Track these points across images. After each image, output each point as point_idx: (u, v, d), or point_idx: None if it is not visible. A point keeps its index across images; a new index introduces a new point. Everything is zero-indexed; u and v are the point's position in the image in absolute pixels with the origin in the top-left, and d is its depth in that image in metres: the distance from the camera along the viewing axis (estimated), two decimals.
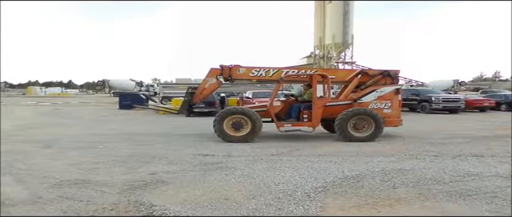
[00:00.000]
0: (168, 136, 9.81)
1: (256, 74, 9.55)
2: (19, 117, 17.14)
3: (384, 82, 9.53)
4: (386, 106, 9.36)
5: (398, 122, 9.59)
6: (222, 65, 9.54)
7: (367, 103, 9.28)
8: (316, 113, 9.08)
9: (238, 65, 9.60)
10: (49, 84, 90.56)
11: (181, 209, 3.75)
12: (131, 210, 3.75)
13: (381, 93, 9.37)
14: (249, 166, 5.80)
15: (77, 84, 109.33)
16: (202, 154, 6.97)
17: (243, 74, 9.60)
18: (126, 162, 6.24)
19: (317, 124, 9.24)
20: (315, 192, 4.36)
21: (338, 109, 9.12)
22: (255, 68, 9.59)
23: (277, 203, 3.95)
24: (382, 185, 4.70)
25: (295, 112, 9.51)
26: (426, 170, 5.56)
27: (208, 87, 9.62)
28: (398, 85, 9.71)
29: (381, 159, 6.48)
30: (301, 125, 9.21)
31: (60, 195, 4.24)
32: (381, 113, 9.16)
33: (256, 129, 8.73)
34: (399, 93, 9.55)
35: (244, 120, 8.76)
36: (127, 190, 4.45)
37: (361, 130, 8.90)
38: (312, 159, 6.42)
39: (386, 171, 5.45)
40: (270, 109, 9.19)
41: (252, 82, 12.72)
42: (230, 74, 9.52)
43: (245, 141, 8.58)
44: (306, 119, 9.17)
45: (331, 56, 49.03)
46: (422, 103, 20.97)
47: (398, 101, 9.52)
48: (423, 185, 4.71)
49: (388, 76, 9.54)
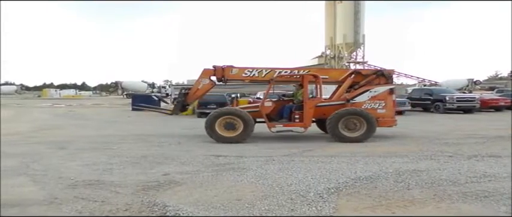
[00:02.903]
0: (179, 137, 9.88)
1: (249, 74, 9.57)
2: (35, 118, 17.48)
3: (377, 82, 9.46)
4: (380, 106, 9.26)
5: (393, 122, 9.49)
6: (215, 66, 9.56)
7: (361, 103, 9.20)
8: (307, 113, 9.03)
9: (231, 66, 9.62)
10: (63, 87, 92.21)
11: (194, 210, 3.77)
12: (145, 210, 3.78)
13: (375, 93, 9.28)
14: (261, 167, 5.81)
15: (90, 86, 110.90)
16: (214, 155, 7.00)
17: (236, 75, 9.62)
18: (139, 162, 6.30)
19: (308, 124, 9.16)
20: (327, 193, 4.33)
21: (330, 109, 9.06)
22: (247, 68, 9.60)
23: (290, 204, 3.94)
24: (396, 186, 4.65)
25: (286, 113, 9.47)
26: (441, 171, 5.47)
27: (202, 87, 9.66)
28: (392, 85, 9.64)
29: (394, 159, 6.41)
30: (292, 125, 9.16)
31: (75, 195, 4.30)
32: (375, 113, 9.09)
33: (248, 129, 8.74)
34: (393, 93, 9.48)
35: (236, 120, 8.76)
36: (141, 190, 4.50)
37: (352, 130, 8.81)
38: (324, 160, 6.39)
39: (400, 172, 5.39)
40: (262, 110, 9.15)
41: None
42: (223, 75, 9.53)
43: (237, 141, 8.58)
44: (298, 120, 9.11)
45: (342, 56, 48.74)
46: (436, 103, 20.64)
47: (393, 101, 9.43)
48: (438, 186, 4.64)
49: (382, 76, 9.48)
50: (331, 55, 50.22)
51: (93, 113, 21.51)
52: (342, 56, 48.92)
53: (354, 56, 50.10)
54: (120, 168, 5.84)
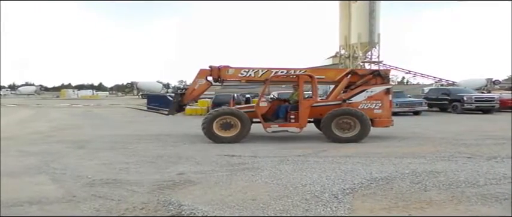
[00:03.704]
0: (194, 137, 9.95)
1: (245, 74, 9.55)
2: (54, 118, 17.86)
3: (374, 82, 9.41)
4: (376, 106, 9.22)
5: (389, 122, 9.45)
6: (211, 66, 9.55)
7: (357, 103, 9.16)
8: (302, 114, 9.00)
9: (227, 66, 9.61)
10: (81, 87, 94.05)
11: (209, 209, 3.79)
12: (160, 209, 3.83)
13: (371, 93, 9.25)
14: (275, 167, 5.80)
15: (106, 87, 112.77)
16: (228, 154, 7.02)
17: (232, 75, 9.61)
18: (155, 162, 6.38)
19: (304, 124, 9.13)
20: (342, 194, 4.30)
21: (326, 109, 9.02)
22: (244, 68, 9.58)
23: (305, 204, 3.93)
24: (413, 187, 4.58)
25: (282, 113, 9.44)
26: (459, 172, 5.37)
27: (198, 88, 9.67)
28: (388, 85, 9.58)
29: (411, 160, 6.31)
30: (288, 126, 9.16)
31: (93, 193, 4.39)
32: (371, 113, 9.07)
33: (245, 129, 8.76)
34: (390, 93, 9.39)
35: (233, 120, 8.77)
36: (156, 189, 4.56)
37: (346, 130, 8.77)
38: (339, 160, 6.34)
39: (416, 173, 5.31)
40: (257, 110, 9.13)
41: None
42: (219, 75, 9.54)
43: (235, 141, 8.60)
44: (293, 120, 9.10)
45: (357, 56, 48.25)
46: (454, 103, 20.23)
47: (389, 101, 9.38)
48: (456, 188, 4.56)
49: (378, 76, 9.46)
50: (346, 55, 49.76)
51: (109, 113, 21.85)
52: (356, 55, 48.42)
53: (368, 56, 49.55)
54: (136, 167, 5.92)
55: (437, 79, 50.10)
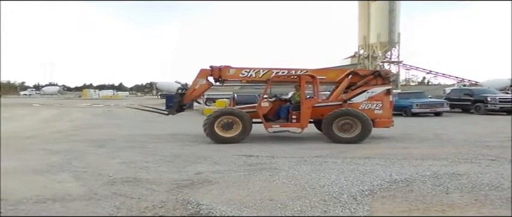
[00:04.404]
0: None
1: (246, 74, 9.54)
2: (76, 118, 18.31)
3: (375, 83, 9.42)
4: (377, 107, 9.22)
5: (390, 123, 9.42)
6: (212, 66, 9.54)
7: (358, 104, 9.16)
8: (304, 114, 8.98)
9: (228, 66, 9.59)
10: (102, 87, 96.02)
11: (227, 209, 3.81)
12: (179, 208, 3.87)
13: (372, 94, 9.26)
14: (293, 168, 5.78)
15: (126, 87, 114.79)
16: (246, 155, 7.04)
17: (233, 75, 9.59)
18: (173, 161, 6.46)
19: (305, 125, 9.12)
20: (361, 196, 4.25)
21: (327, 110, 9.00)
22: (245, 68, 9.56)
23: (323, 205, 3.90)
24: (434, 190, 4.48)
25: (284, 113, 9.41)
26: (482, 175, 5.22)
27: (199, 88, 9.65)
28: (389, 85, 9.53)
29: (432, 162, 6.18)
30: (289, 126, 9.16)
31: (114, 191, 4.47)
32: (372, 114, 9.05)
33: (247, 129, 8.76)
34: (390, 93, 9.40)
35: (235, 120, 8.77)
36: (175, 188, 4.61)
37: (347, 131, 8.72)
38: (358, 162, 6.27)
39: (438, 175, 5.19)
40: (259, 110, 9.10)
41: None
42: (220, 75, 9.53)
43: (237, 141, 8.60)
44: (295, 120, 9.08)
45: (376, 56, 47.52)
46: (477, 103, 19.68)
47: (390, 102, 9.39)
48: (479, 191, 4.43)
49: (379, 76, 9.46)
50: (365, 55, 49.07)
51: (129, 113, 22.22)
52: (375, 55, 47.68)
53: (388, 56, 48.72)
54: (155, 166, 6.01)
55: (459, 79, 48.91)
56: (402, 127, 12.19)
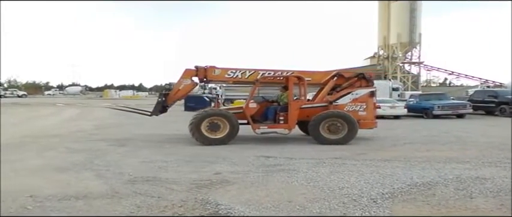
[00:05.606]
0: None
1: (232, 75, 9.50)
2: (97, 117, 18.71)
3: (359, 84, 9.49)
4: (361, 108, 9.31)
5: (373, 124, 9.54)
6: (197, 66, 9.49)
7: (343, 105, 9.21)
8: (292, 115, 8.99)
9: (213, 66, 9.53)
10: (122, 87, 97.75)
11: (245, 209, 3.82)
12: (198, 208, 3.91)
13: (356, 96, 9.35)
14: (311, 169, 5.75)
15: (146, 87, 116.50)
16: (264, 156, 7.04)
17: (219, 75, 9.55)
18: (192, 161, 6.53)
19: (293, 126, 9.14)
20: (381, 198, 4.19)
21: (314, 111, 9.04)
22: (230, 69, 9.52)
23: (342, 208, 3.86)
24: (457, 194, 4.38)
25: (271, 114, 9.36)
26: (508, 179, 5.06)
27: (183, 88, 9.57)
28: (373, 87, 9.57)
29: (454, 165, 6.03)
30: (277, 127, 9.15)
31: (134, 190, 4.55)
32: (356, 115, 9.08)
33: (234, 130, 8.71)
34: (374, 95, 9.53)
35: (222, 121, 8.71)
36: (194, 188, 4.66)
37: (334, 132, 8.73)
38: (378, 164, 6.18)
39: (461, 179, 5.06)
40: (246, 111, 9.05)
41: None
42: (205, 75, 9.47)
43: (224, 143, 8.55)
44: (282, 121, 9.07)
45: (396, 56, 46.74)
46: (502, 105, 19.11)
47: (373, 103, 9.53)
48: (505, 195, 4.30)
49: (363, 78, 9.52)
50: (385, 55, 48.33)
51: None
52: (395, 56, 46.88)
53: (408, 56, 47.84)
54: (175, 166, 6.08)
55: (483, 80, 47.53)
56: (423, 129, 11.95)
